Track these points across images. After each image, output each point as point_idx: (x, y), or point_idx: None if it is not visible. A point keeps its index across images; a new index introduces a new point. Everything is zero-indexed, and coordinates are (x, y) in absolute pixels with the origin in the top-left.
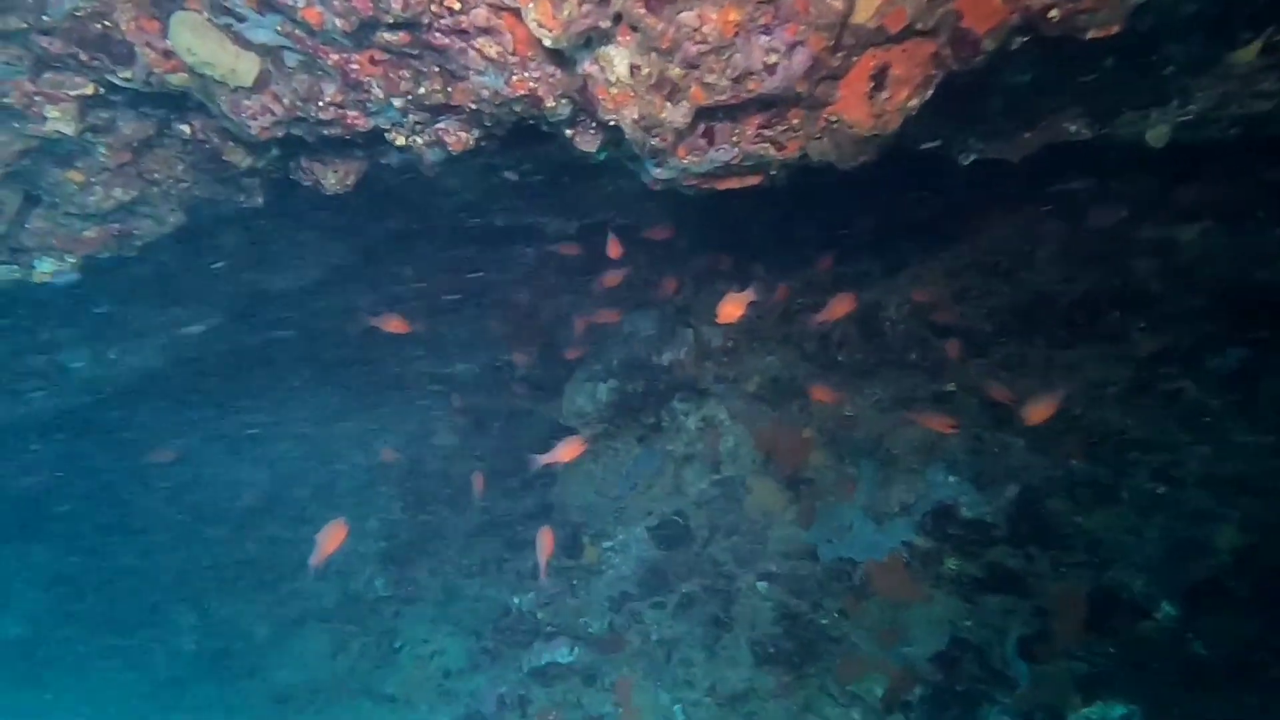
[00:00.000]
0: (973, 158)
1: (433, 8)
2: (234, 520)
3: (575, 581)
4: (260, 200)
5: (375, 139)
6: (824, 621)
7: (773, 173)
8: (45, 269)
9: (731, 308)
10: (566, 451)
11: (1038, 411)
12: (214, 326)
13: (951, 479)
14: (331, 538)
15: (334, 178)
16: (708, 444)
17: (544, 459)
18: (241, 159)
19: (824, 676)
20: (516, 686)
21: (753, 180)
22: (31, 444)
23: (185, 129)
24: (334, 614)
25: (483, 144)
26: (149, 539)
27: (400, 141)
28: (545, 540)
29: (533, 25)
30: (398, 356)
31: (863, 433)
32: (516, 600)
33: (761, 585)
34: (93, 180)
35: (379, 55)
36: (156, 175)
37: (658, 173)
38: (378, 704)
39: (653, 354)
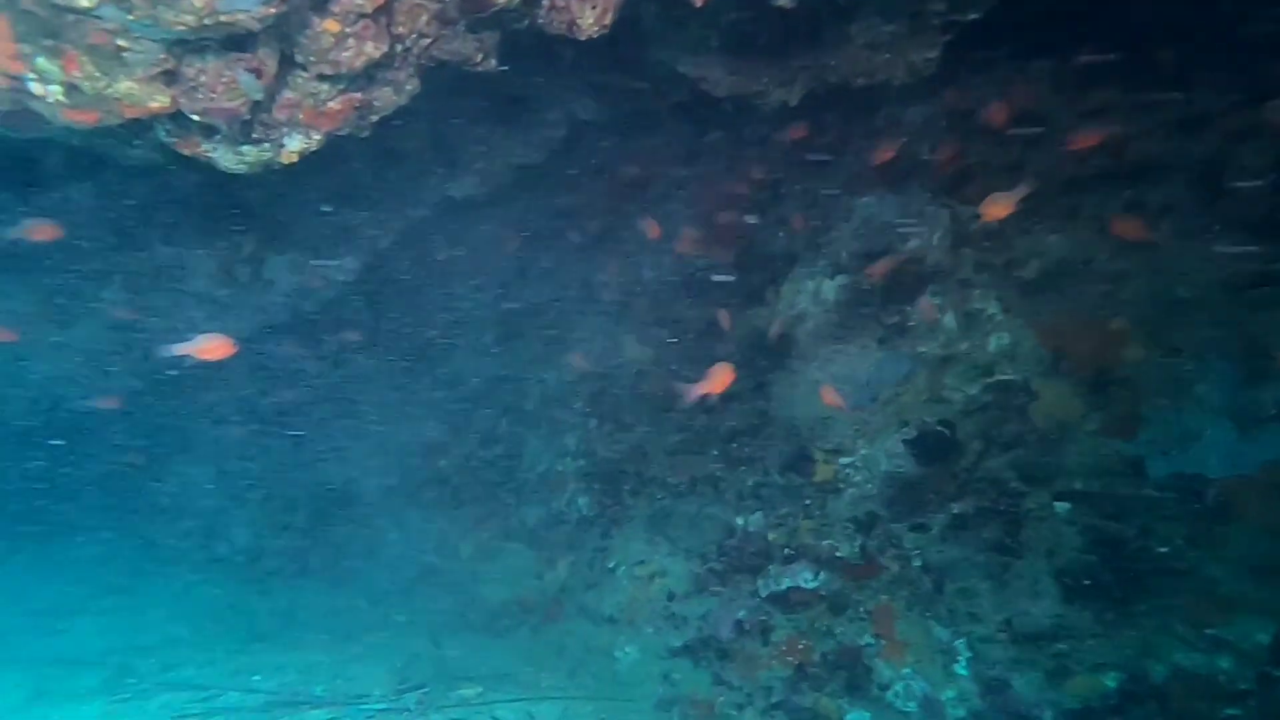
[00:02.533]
0: None
1: None
2: (425, 438)
3: (808, 501)
4: (494, 63)
5: None
6: (1162, 550)
7: None
8: (294, 147)
9: (998, 208)
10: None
11: None
12: (399, 236)
13: None
14: (718, 378)
15: (591, 15)
16: (974, 343)
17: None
18: None
19: (1166, 616)
20: (755, 612)
21: None
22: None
23: None
24: (537, 533)
25: None
26: (349, 457)
27: None
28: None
29: None
30: (580, 264)
31: (1208, 317)
32: (741, 521)
33: (1061, 506)
34: (348, 31)
35: None
36: (401, 29)
37: None
38: (597, 625)
39: (894, 242)
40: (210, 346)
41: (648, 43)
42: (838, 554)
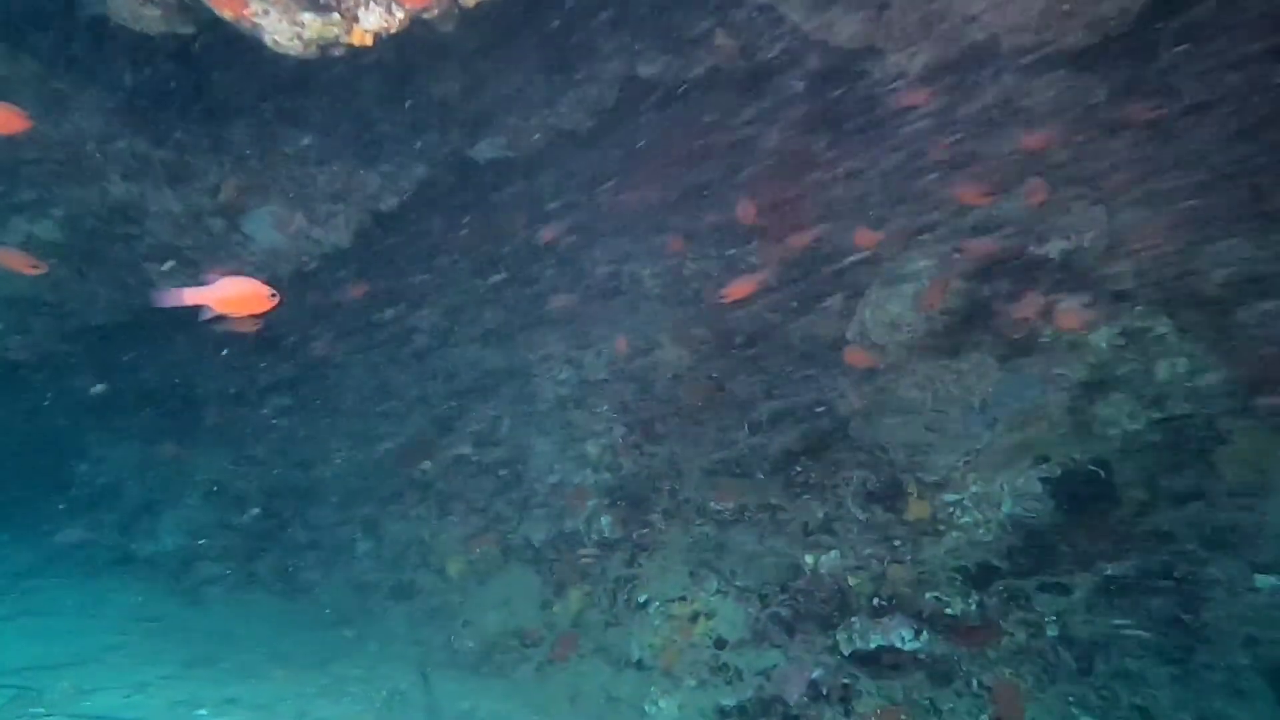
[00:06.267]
0: None
1: None
2: (407, 438)
3: (897, 543)
4: None
5: None
6: None
7: None
8: (370, 24)
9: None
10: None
11: None
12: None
13: None
14: None
15: None
16: (1134, 369)
17: None
18: None
19: None
20: (834, 672)
21: None
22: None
23: None
24: (545, 554)
25: None
26: (312, 452)
27: None
28: None
29: None
30: (610, 249)
31: None
32: (810, 560)
33: (1265, 581)
34: None
35: None
36: None
37: None
38: (620, 670)
39: (1028, 244)
40: (238, 296)
41: None
42: (948, 611)
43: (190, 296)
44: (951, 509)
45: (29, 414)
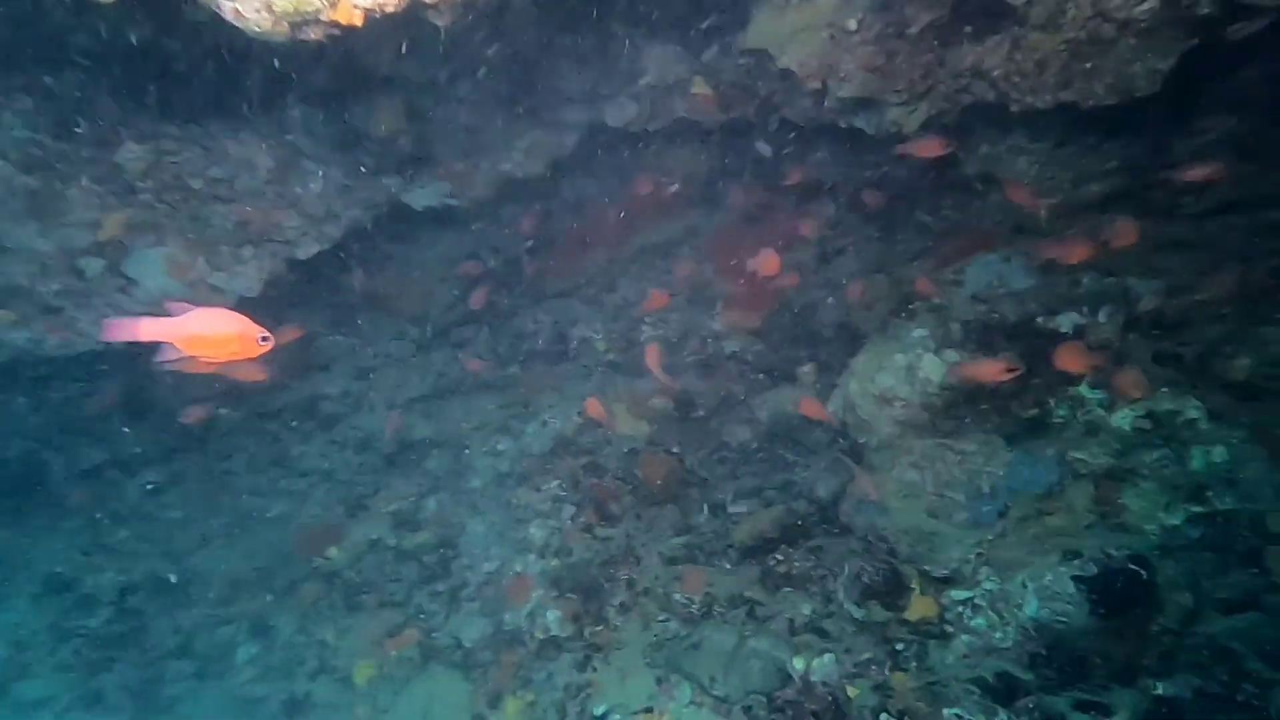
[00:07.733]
0: None
1: None
2: (306, 522)
3: (900, 646)
4: None
5: None
6: None
7: None
8: None
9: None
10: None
11: None
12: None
13: None
14: None
15: None
16: (1164, 456)
17: None
18: None
19: None
20: None
21: None
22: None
23: None
24: (477, 656)
25: None
26: (186, 536)
27: None
28: None
29: None
30: (559, 311)
31: None
32: (800, 664)
33: None
34: None
35: None
36: None
37: None
38: None
39: (1036, 316)
40: (216, 335)
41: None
42: None
43: (149, 329)
44: (961, 608)
45: None
